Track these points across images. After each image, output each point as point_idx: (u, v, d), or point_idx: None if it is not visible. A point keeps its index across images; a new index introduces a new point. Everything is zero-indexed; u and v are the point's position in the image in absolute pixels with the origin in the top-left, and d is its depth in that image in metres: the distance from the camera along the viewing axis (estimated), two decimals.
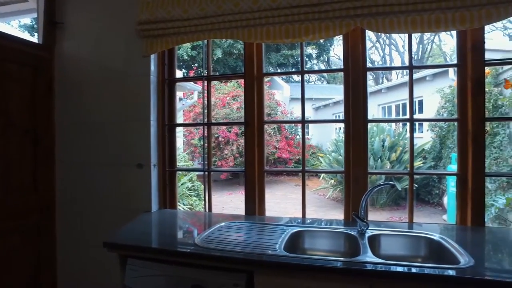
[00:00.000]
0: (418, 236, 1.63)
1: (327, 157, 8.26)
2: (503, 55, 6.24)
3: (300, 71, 2.16)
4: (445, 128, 6.86)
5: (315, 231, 1.75)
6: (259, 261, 1.33)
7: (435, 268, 1.23)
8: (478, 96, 1.87)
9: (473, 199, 1.87)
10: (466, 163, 1.91)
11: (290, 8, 1.80)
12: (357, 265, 1.27)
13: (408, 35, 1.96)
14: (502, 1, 1.60)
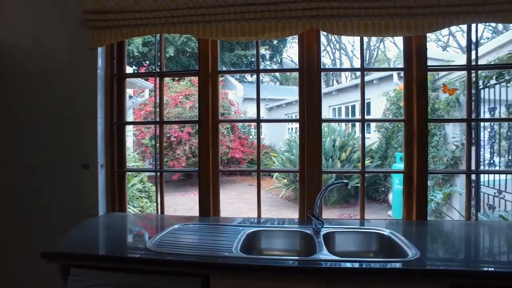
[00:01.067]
0: (370, 232, 1.69)
1: (280, 156, 8.40)
2: (438, 63, 6.80)
3: (255, 70, 2.14)
4: (390, 129, 7.31)
5: (271, 230, 1.74)
6: (214, 264, 1.29)
7: (385, 262, 1.29)
8: (422, 98, 1.99)
9: (418, 195, 1.99)
10: (412, 162, 2.02)
11: (246, 5, 1.78)
12: (313, 263, 1.28)
13: (360, 39, 2.03)
14: (441, 13, 1.72)
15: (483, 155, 4.57)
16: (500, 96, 3.99)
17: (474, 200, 3.58)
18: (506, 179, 3.98)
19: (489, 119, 4.29)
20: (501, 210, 3.88)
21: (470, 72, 2.08)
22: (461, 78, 5.15)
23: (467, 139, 2.14)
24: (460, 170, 5.28)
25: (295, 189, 7.56)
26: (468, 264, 1.32)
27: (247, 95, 14.34)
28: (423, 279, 1.22)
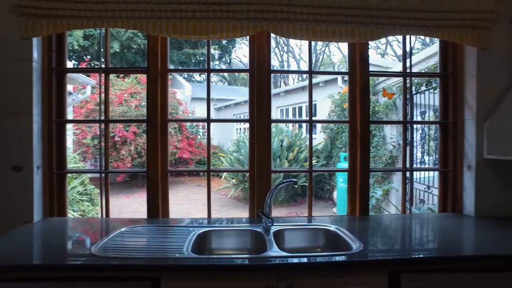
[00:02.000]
0: (318, 228, 1.78)
1: (229, 157, 8.41)
2: (377, 69, 7.30)
3: (206, 70, 2.13)
4: (335, 130, 7.69)
5: (222, 230, 1.75)
6: (164, 266, 1.26)
7: (331, 256, 1.36)
8: (364, 101, 2.13)
9: (361, 192, 2.12)
10: (355, 161, 2.15)
11: (198, 4, 1.77)
12: (263, 260, 1.31)
13: (308, 43, 2.12)
14: (381, 23, 1.86)
15: (416, 154, 5.00)
16: (429, 101, 4.40)
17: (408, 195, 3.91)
18: (434, 176, 4.40)
19: (420, 122, 4.73)
20: (430, 204, 4.29)
21: (405, 78, 2.27)
22: (398, 83, 5.59)
23: (403, 139, 2.34)
24: (396, 168, 5.72)
25: (243, 189, 7.62)
26: (403, 253, 1.44)
27: (196, 94, 14.12)
28: (366, 269, 1.31)
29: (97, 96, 8.50)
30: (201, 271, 1.25)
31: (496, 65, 2.02)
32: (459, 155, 2.16)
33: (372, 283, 1.31)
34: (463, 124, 2.14)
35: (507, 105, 1.94)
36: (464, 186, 2.12)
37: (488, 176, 2.02)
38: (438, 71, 2.27)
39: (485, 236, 1.65)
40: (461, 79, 2.14)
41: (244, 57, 26.28)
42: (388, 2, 1.82)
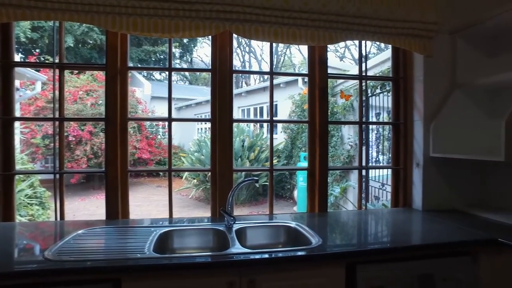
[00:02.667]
0: (279, 226, 1.83)
1: (190, 157, 8.29)
2: (336, 72, 7.59)
3: (168, 68, 2.10)
4: (295, 130, 7.86)
5: (184, 229, 1.74)
6: (125, 267, 1.23)
7: (292, 251, 1.41)
8: (323, 102, 2.22)
9: (320, 190, 2.21)
10: (314, 159, 2.24)
11: (160, 1, 1.74)
12: (226, 257, 1.33)
13: (270, 45, 2.16)
14: (339, 28, 1.95)
15: (372, 153, 5.27)
16: (383, 103, 4.66)
17: (364, 193, 4.11)
18: (387, 174, 4.67)
19: (375, 122, 4.99)
20: (384, 200, 4.54)
21: (361, 81, 2.40)
22: (355, 86, 5.85)
23: (359, 139, 2.46)
24: (353, 166, 5.97)
25: (205, 189, 7.56)
26: (359, 245, 1.53)
27: (155, 93, 13.76)
28: (324, 262, 1.38)
29: (48, 93, 8.01)
30: (163, 271, 1.24)
31: (440, 71, 2.20)
32: (409, 154, 2.32)
33: (330, 275, 1.38)
34: (412, 125, 2.30)
35: (448, 108, 2.12)
36: (414, 182, 2.29)
37: (433, 173, 2.19)
38: (391, 75, 2.43)
39: (431, 227, 1.79)
40: (411, 83, 2.30)
41: (206, 56, 26.04)
42: (346, 9, 1.91)
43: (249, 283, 1.29)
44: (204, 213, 6.54)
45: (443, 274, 1.48)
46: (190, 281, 1.26)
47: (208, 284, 1.27)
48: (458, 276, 1.49)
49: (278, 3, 1.84)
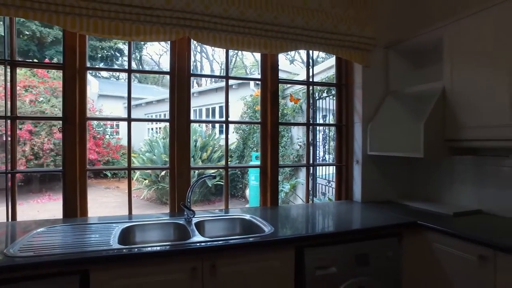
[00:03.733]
0: (235, 218, 1.98)
1: (141, 157, 8.12)
2: (286, 75, 7.94)
3: (127, 70, 2.16)
4: (247, 130, 8.07)
5: (145, 224, 1.82)
6: (95, 258, 1.30)
7: (247, 238, 1.57)
8: (274, 105, 2.42)
9: (271, 186, 2.40)
10: (266, 158, 2.42)
11: (121, 5, 1.80)
12: (189, 245, 1.45)
13: (226, 51, 2.31)
14: (289, 38, 2.15)
15: (319, 153, 5.64)
16: (329, 106, 5.03)
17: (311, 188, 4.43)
18: (333, 172, 5.05)
19: (321, 124, 5.36)
20: (329, 195, 4.91)
21: (309, 86, 2.64)
22: (303, 89, 6.20)
23: (306, 139, 2.70)
24: (301, 164, 6.32)
25: (157, 189, 7.46)
26: (306, 231, 1.73)
27: (103, 91, 13.18)
28: (276, 246, 1.56)
29: None
30: (132, 260, 1.33)
31: (376, 80, 2.51)
32: (350, 152, 2.61)
33: (282, 258, 1.57)
34: (353, 127, 2.59)
35: (382, 112, 2.44)
36: (354, 178, 2.58)
37: (370, 169, 2.50)
38: (335, 81, 2.71)
39: (367, 215, 2.07)
40: (352, 89, 2.59)
41: (156, 55, 25.31)
42: (295, 22, 2.12)
43: (210, 267, 1.43)
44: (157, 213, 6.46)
45: (376, 253, 1.74)
46: (157, 268, 1.37)
47: (174, 270, 1.39)
48: (387, 253, 1.77)
49: (234, 13, 1.99)
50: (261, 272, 1.52)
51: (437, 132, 2.00)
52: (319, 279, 1.61)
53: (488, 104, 1.79)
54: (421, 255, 1.85)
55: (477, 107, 1.85)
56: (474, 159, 2.15)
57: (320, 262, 1.63)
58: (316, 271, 1.61)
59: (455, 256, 1.67)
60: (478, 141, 1.85)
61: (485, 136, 1.81)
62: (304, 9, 2.18)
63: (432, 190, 2.45)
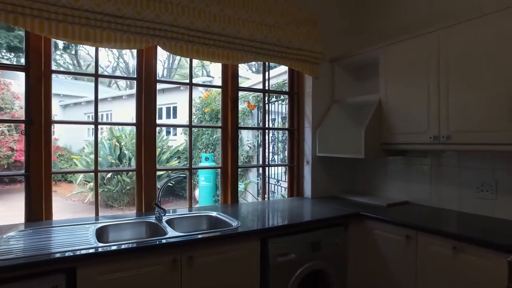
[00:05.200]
0: (202, 215, 2.15)
1: (84, 159, 7.74)
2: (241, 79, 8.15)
3: (94, 74, 2.19)
4: (196, 132, 8.11)
5: (119, 224, 1.90)
6: (82, 255, 1.37)
7: (218, 231, 1.75)
8: (234, 110, 2.62)
9: (232, 185, 2.60)
10: (227, 159, 2.62)
11: (93, 12, 1.86)
12: (168, 239, 1.59)
13: (190, 60, 2.45)
14: (245, 50, 2.36)
15: (267, 154, 5.95)
16: (278, 110, 5.37)
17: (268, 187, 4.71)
18: (281, 172, 5.39)
19: (276, 128, 5.67)
20: (277, 194, 5.24)
21: (264, 94, 2.89)
22: (253, 94, 6.47)
23: (262, 142, 2.95)
24: (258, 164, 6.60)
25: (103, 192, 7.18)
26: (269, 224, 1.96)
27: None
28: (244, 238, 1.77)
29: None
30: (119, 255, 1.44)
31: (323, 89, 2.84)
32: (301, 154, 2.92)
33: (249, 248, 1.78)
34: (304, 131, 2.90)
35: (329, 118, 2.77)
36: (304, 176, 2.88)
37: (319, 169, 2.82)
38: (286, 88, 2.99)
39: (317, 209, 2.36)
40: (302, 97, 2.90)
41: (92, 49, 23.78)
42: (255, 36, 2.35)
43: (188, 258, 1.59)
44: None
45: (326, 240, 2.04)
46: (141, 262, 1.49)
47: (157, 262, 1.52)
48: (336, 240, 2.08)
49: (200, 26, 2.16)
50: (232, 261, 1.72)
51: (374, 137, 2.37)
52: (280, 265, 1.86)
53: (412, 115, 2.19)
54: (363, 239, 2.20)
55: (405, 117, 2.25)
56: (403, 159, 2.58)
57: (281, 250, 1.87)
58: (278, 258, 1.85)
59: (389, 238, 2.03)
60: (406, 144, 2.25)
61: (410, 140, 2.21)
62: (263, 25, 2.42)
63: (370, 186, 2.85)
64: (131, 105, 9.30)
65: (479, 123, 1.85)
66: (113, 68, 21.41)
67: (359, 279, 2.21)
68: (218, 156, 7.04)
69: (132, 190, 7.11)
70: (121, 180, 7.01)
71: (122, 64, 22.16)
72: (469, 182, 2.18)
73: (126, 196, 7.07)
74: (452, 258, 1.71)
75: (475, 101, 1.87)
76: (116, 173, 6.83)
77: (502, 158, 2.03)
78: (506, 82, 1.74)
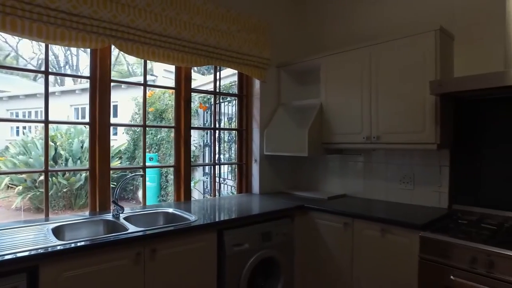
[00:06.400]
0: (159, 212, 2.23)
1: (11, 160, 7.08)
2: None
3: (44, 71, 2.13)
4: (138, 131, 7.90)
5: (75, 223, 1.90)
6: (46, 253, 1.38)
7: (178, 225, 1.86)
8: (187, 111, 2.73)
9: (185, 182, 2.70)
10: (180, 158, 2.71)
11: (46, 8, 1.83)
12: (132, 234, 1.66)
13: (144, 61, 2.49)
14: (203, 55, 2.48)
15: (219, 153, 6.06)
16: (225, 110, 5.51)
17: (219, 184, 4.80)
18: (226, 171, 5.54)
19: (226, 128, 5.80)
20: (225, 192, 5.39)
21: (215, 96, 3.03)
22: (198, 95, 6.52)
23: (213, 141, 3.08)
24: (210, 163, 6.65)
25: (34, 196, 6.64)
26: (224, 217, 2.11)
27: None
28: (202, 230, 1.90)
29: None
30: (82, 251, 1.47)
31: (270, 93, 3.07)
32: (249, 153, 3.11)
33: (207, 239, 1.92)
34: (252, 131, 3.09)
35: (275, 120, 3.01)
36: (253, 174, 3.08)
37: (266, 166, 3.04)
38: (233, 90, 3.16)
39: (266, 203, 2.57)
40: (251, 100, 3.10)
41: (13, 38, 21.58)
42: (208, 41, 2.49)
43: (151, 251, 1.67)
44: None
45: (276, 230, 2.25)
46: (106, 256, 1.54)
47: (122, 256, 1.58)
48: (284, 231, 2.30)
49: (157, 29, 2.23)
50: (192, 252, 1.84)
51: (316, 137, 2.65)
52: (236, 254, 2.02)
53: (347, 118, 2.51)
54: (307, 228, 2.46)
55: (341, 119, 2.56)
56: (341, 157, 2.91)
57: (236, 241, 2.03)
58: (233, 248, 2.01)
59: (330, 226, 2.32)
60: (343, 144, 2.57)
61: (347, 140, 2.53)
62: (216, 31, 2.57)
63: (312, 181, 3.15)
64: (64, 102, 8.72)
65: (401, 126, 2.21)
66: (39, 61, 19.64)
67: (305, 263, 2.46)
68: (163, 156, 6.98)
69: (68, 192, 6.71)
70: (57, 182, 6.57)
71: (52, 57, 20.44)
72: (393, 176, 2.56)
73: (62, 200, 6.64)
74: (380, 238, 2.03)
75: (396, 108, 2.23)
76: (52, 175, 6.37)
77: (418, 155, 2.43)
78: (418, 94, 2.12)
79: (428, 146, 2.09)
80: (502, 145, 2.06)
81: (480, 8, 2.17)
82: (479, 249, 1.56)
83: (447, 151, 2.29)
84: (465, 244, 1.62)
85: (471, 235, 1.69)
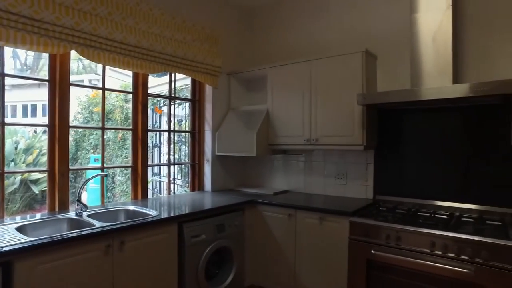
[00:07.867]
0: (121, 209, 2.37)
1: None
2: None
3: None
4: (81, 132, 7.61)
5: (37, 222, 1.97)
6: (20, 248, 1.47)
7: (143, 219, 2.04)
8: (144, 115, 2.88)
9: (142, 182, 2.85)
10: (137, 158, 2.85)
11: (6, 12, 1.86)
12: (101, 228, 1.80)
13: (103, 66, 2.60)
14: (162, 62, 2.66)
15: (160, 154, 6.13)
16: (175, 112, 5.63)
17: (174, 183, 4.91)
18: (175, 172, 5.67)
19: (180, 130, 5.91)
20: (177, 190, 5.51)
21: (170, 100, 3.21)
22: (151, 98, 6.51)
23: (168, 142, 3.25)
24: (166, 163, 6.62)
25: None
26: (183, 211, 2.32)
27: None
28: (165, 223, 2.11)
29: None
30: (55, 245, 1.59)
31: (221, 98, 3.33)
32: (202, 153, 3.34)
33: (169, 231, 2.13)
34: (204, 133, 3.33)
35: (226, 123, 3.28)
36: (205, 173, 3.32)
37: (217, 166, 3.30)
38: (184, 93, 3.37)
39: (219, 199, 2.82)
40: (203, 104, 3.33)
41: None
42: (165, 50, 2.67)
43: (120, 243, 1.84)
44: None
45: (228, 222, 2.52)
46: (79, 249, 1.68)
47: (93, 248, 1.73)
48: (236, 223, 2.58)
49: (118, 37, 2.37)
50: (156, 243, 2.04)
51: (263, 138, 2.97)
52: (194, 244, 2.25)
53: (291, 122, 2.87)
54: (256, 220, 2.77)
55: (285, 123, 2.91)
56: (284, 156, 3.27)
57: (194, 232, 2.26)
58: (192, 239, 2.24)
59: (276, 217, 2.65)
60: (287, 145, 2.92)
61: (290, 142, 2.89)
62: (173, 40, 2.76)
63: (259, 179, 3.47)
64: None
65: (335, 130, 2.62)
66: None
67: (255, 251, 2.77)
68: (109, 157, 6.83)
69: (10, 195, 6.28)
70: None
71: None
72: (330, 173, 2.98)
73: None
74: (319, 225, 2.41)
75: (332, 115, 2.64)
76: None
77: (350, 155, 2.87)
78: (349, 104, 2.54)
79: (356, 147, 2.52)
80: (414, 146, 2.56)
81: (398, 31, 2.64)
82: (391, 227, 2.00)
83: (372, 152, 2.75)
84: (382, 224, 2.05)
85: (387, 218, 2.13)
